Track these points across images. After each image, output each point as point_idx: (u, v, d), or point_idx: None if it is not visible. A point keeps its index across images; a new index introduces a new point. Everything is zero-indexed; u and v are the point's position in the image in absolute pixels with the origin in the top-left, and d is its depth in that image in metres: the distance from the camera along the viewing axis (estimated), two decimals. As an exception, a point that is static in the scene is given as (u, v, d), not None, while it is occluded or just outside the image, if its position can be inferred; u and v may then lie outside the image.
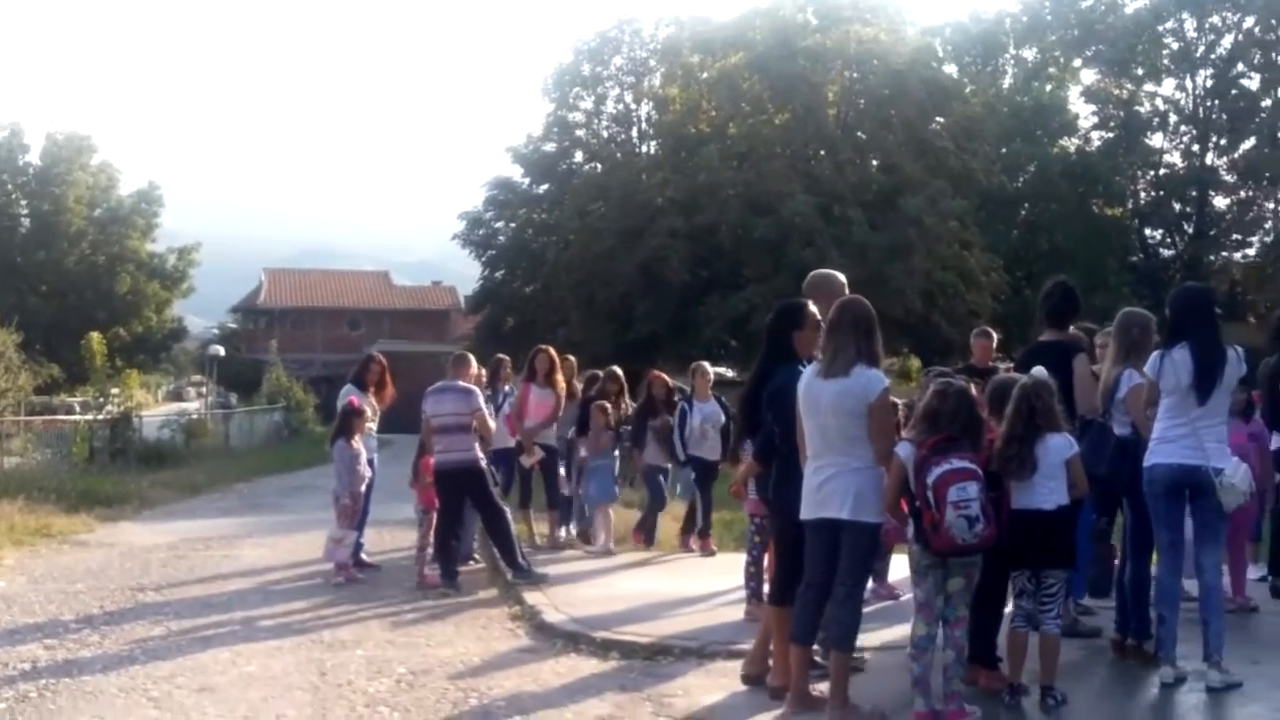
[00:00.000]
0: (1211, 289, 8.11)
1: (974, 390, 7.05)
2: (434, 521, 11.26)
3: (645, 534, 13.37)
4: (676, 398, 13.48)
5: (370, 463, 11.90)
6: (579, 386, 14.62)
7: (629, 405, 14.20)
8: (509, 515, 11.18)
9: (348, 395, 12.29)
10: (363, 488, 11.73)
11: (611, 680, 7.66)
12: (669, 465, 13.43)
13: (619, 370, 14.49)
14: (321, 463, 16.26)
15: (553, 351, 13.64)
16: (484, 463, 11.20)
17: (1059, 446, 6.65)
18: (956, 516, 6.09)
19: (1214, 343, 7.00)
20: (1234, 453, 7.22)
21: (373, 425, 12.24)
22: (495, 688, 7.52)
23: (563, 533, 13.57)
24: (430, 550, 11.35)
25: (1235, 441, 7.68)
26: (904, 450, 6.37)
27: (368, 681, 7.73)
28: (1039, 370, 6.92)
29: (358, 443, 11.65)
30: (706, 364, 13.70)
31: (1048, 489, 6.61)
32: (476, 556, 12.24)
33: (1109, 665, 7.56)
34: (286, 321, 67.83)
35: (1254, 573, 9.85)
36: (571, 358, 15.31)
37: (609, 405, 13.62)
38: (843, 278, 7.78)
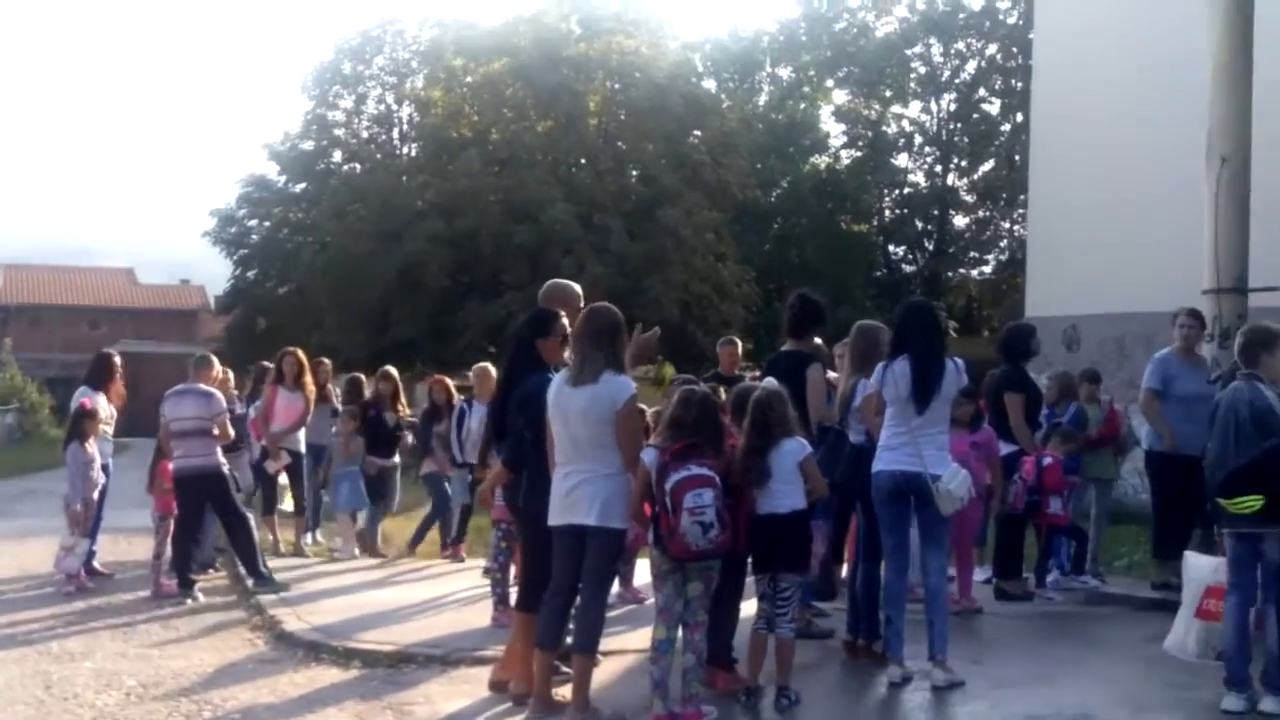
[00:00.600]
0: (932, 304, 8.46)
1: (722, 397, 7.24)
2: (170, 528, 10.91)
3: (412, 541, 13.24)
4: (457, 400, 13.31)
5: (104, 468, 11.45)
6: (334, 391, 14.35)
7: (405, 407, 14.02)
8: (251, 522, 10.91)
9: (81, 397, 11.82)
10: (95, 493, 11.29)
11: (352, 690, 7.54)
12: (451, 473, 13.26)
13: (393, 370, 14.25)
14: (56, 467, 15.55)
15: (301, 354, 13.41)
16: (225, 468, 10.90)
17: (792, 451, 6.86)
18: (691, 522, 6.21)
19: (932, 355, 7.32)
20: (956, 460, 7.57)
21: (108, 428, 11.78)
22: (230, 700, 7.33)
23: (308, 539, 13.33)
24: (167, 558, 10.99)
25: (958, 450, 8.05)
26: (649, 456, 6.47)
27: (95, 695, 7.44)
28: (770, 381, 7.16)
29: (91, 446, 11.19)
30: (490, 366, 13.55)
31: (783, 493, 6.81)
32: (217, 564, 11.90)
33: (841, 665, 7.84)
34: (22, 319, 64.59)
35: (980, 575, 10.35)
36: (327, 361, 15.01)
37: (395, 407, 13.63)
38: (577, 287, 7.88)
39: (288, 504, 13.49)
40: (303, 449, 13.15)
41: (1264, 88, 10.79)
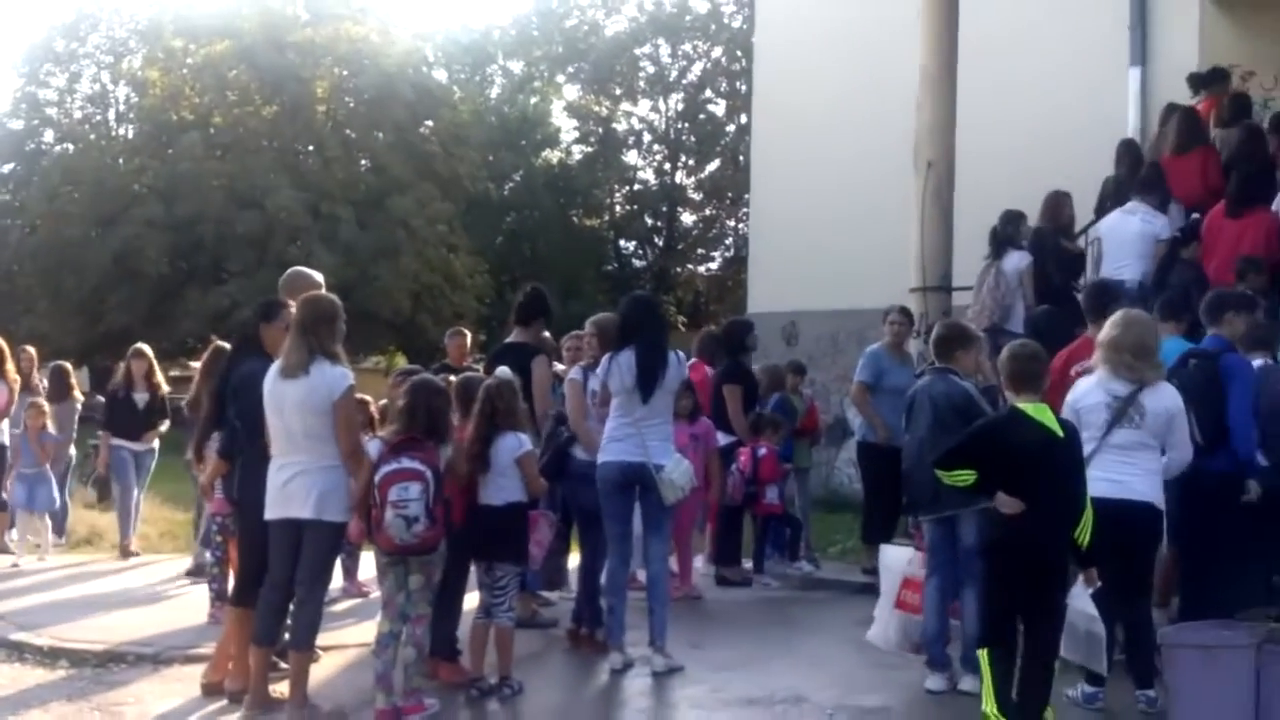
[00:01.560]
0: (655, 297, 8.71)
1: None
2: None
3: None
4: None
5: None
6: (40, 381, 13.69)
7: (163, 385, 13.30)
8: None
9: None
10: None
11: (58, 690, 7.24)
12: None
13: (146, 347, 13.38)
14: None
15: (1, 341, 12.66)
16: None
17: (509, 446, 6.92)
18: (395, 516, 6.23)
19: (656, 347, 7.51)
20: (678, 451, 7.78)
21: None
22: (-80, 704, 6.95)
23: (11, 536, 12.67)
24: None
25: (678, 442, 8.26)
26: (373, 448, 6.45)
27: None
28: (503, 370, 7.18)
29: None
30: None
31: (499, 485, 6.88)
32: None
33: (564, 654, 7.95)
34: None
35: (699, 563, 10.65)
36: (30, 349, 14.23)
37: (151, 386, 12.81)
38: (319, 277, 7.75)
39: None
40: (5, 441, 12.46)
41: (966, 97, 11.41)
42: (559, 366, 9.02)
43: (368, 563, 9.51)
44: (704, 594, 9.83)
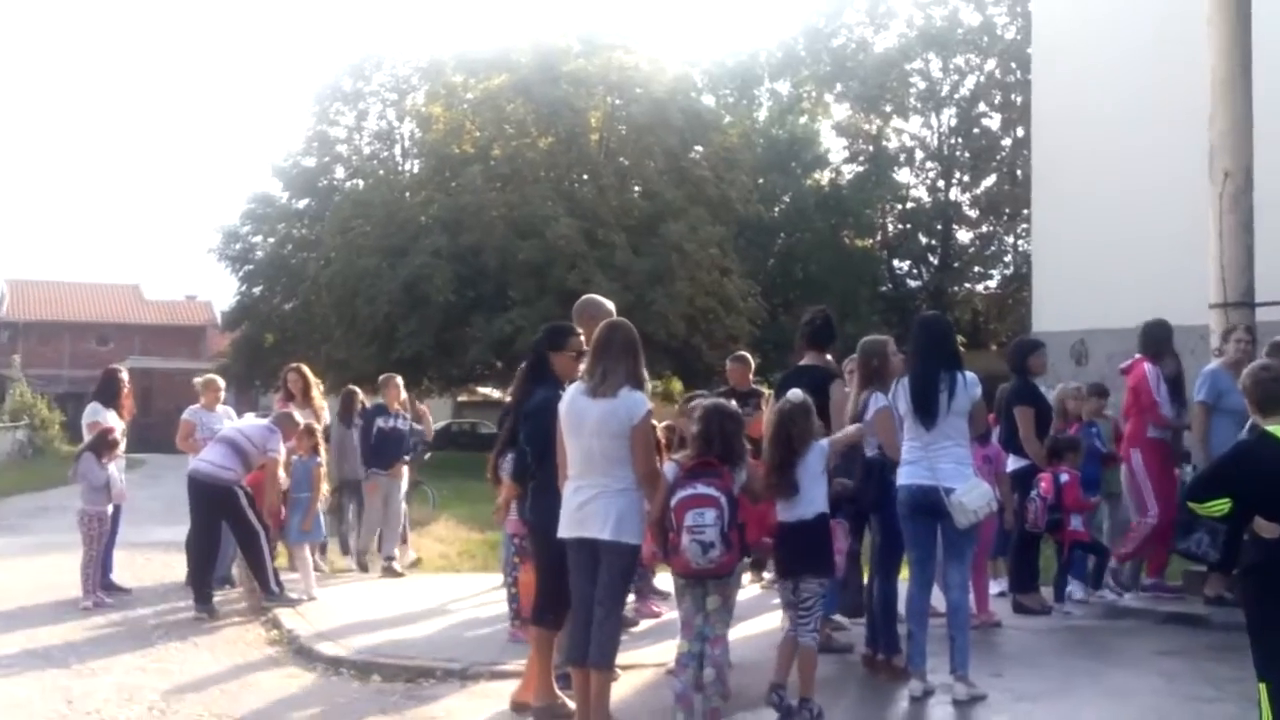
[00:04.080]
0: (939, 316, 8.49)
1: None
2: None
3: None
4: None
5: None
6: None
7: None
8: (263, 537, 10.92)
9: (94, 415, 11.87)
10: (110, 509, 11.35)
11: (372, 704, 7.58)
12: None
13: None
14: (66, 483, 15.64)
15: (306, 370, 13.30)
16: (238, 485, 10.85)
17: (816, 457, 6.91)
18: (690, 541, 6.26)
19: (929, 369, 7.36)
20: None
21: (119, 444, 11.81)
22: (252, 713, 7.37)
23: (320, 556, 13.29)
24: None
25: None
26: (669, 470, 6.52)
27: (118, 709, 7.49)
28: (795, 393, 7.10)
29: (107, 462, 11.25)
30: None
31: (809, 499, 6.86)
32: (233, 578, 11.94)
33: (860, 680, 7.85)
34: (31, 335, 64.75)
35: (995, 588, 10.38)
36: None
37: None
38: (610, 305, 7.91)
39: None
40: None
41: (1264, 102, 10.86)
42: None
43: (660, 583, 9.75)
44: (1002, 621, 9.57)
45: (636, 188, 39.60)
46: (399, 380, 13.73)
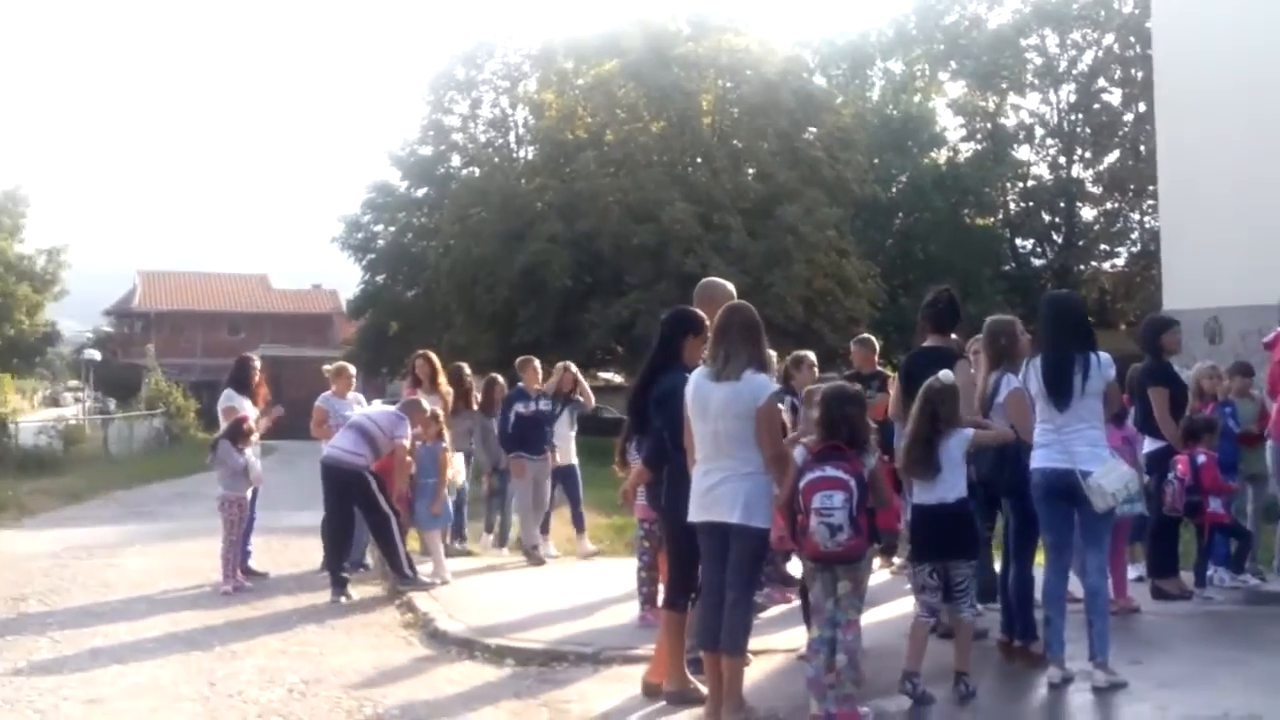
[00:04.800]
0: (1071, 295, 8.33)
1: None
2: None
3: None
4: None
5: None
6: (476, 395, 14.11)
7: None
8: (394, 521, 11.08)
9: (229, 401, 12.14)
10: (248, 494, 11.61)
11: (506, 688, 7.67)
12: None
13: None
14: (204, 469, 16.04)
15: (433, 356, 13.43)
16: (368, 471, 11.03)
17: (959, 442, 6.87)
18: (819, 523, 6.25)
19: (1061, 350, 7.22)
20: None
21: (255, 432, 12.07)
22: (389, 696, 7.50)
23: (456, 543, 13.40)
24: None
25: (1109, 445, 7.88)
26: (798, 454, 6.51)
27: (259, 691, 7.66)
28: (945, 374, 7.05)
29: (244, 448, 11.51)
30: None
31: (950, 483, 6.82)
32: (367, 563, 12.15)
33: (997, 666, 7.74)
34: (164, 325, 66.53)
35: (1133, 573, 10.17)
36: (465, 366, 14.30)
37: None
38: (731, 287, 7.89)
39: None
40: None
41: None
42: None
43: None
44: (1140, 607, 9.38)
45: (750, 170, 39.47)
46: (537, 363, 13.36)
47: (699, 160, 39.28)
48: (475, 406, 13.66)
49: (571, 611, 9.72)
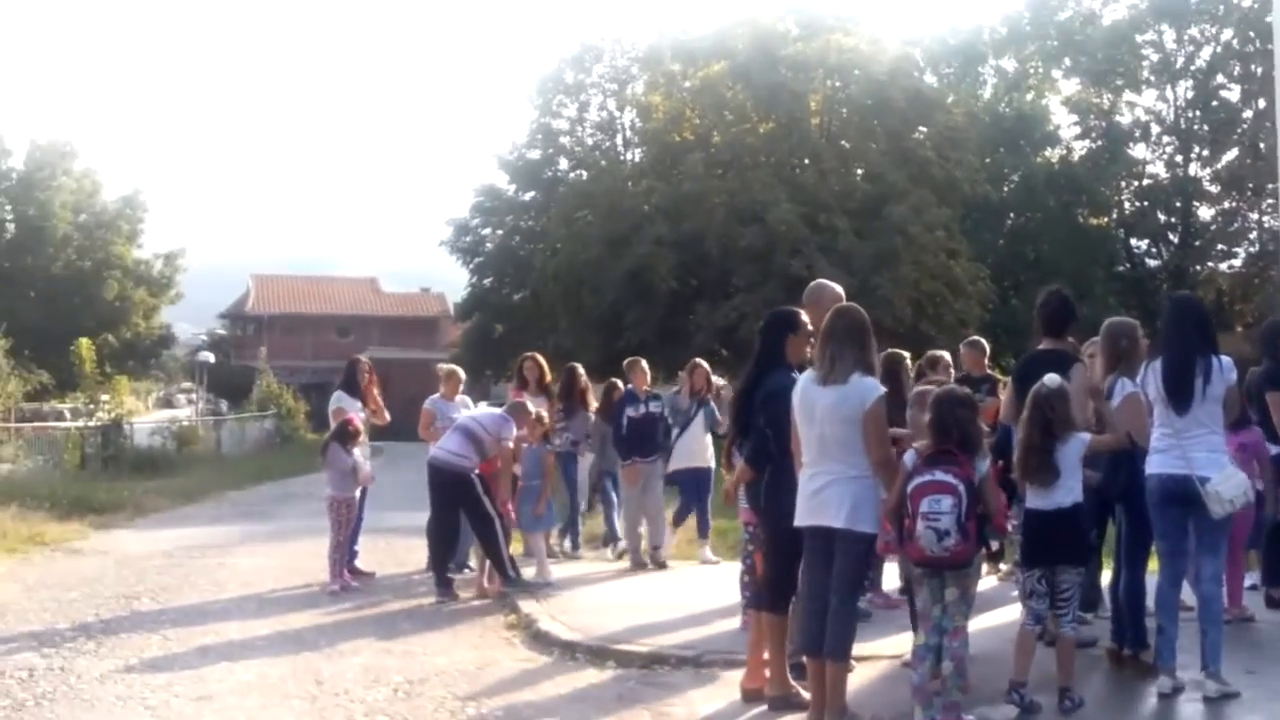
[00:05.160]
0: (1193, 297, 8.12)
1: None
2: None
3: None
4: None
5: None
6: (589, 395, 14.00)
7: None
8: (498, 524, 11.11)
9: (339, 403, 12.29)
10: (357, 494, 11.75)
11: (609, 690, 7.68)
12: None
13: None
14: (313, 470, 16.29)
15: (541, 358, 13.46)
16: (474, 474, 11.08)
17: (1076, 448, 6.74)
18: (925, 528, 6.18)
19: (1183, 352, 7.03)
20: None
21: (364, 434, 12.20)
22: (492, 697, 7.53)
23: (565, 544, 13.39)
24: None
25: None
26: (908, 458, 6.42)
27: (365, 690, 7.73)
28: (1052, 378, 6.90)
29: (353, 448, 11.65)
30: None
31: (1066, 488, 6.69)
32: (471, 565, 12.22)
33: (1105, 675, 7.57)
34: (275, 328, 67.78)
35: (1248, 581, 9.88)
36: (579, 366, 14.31)
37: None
38: (839, 289, 7.82)
39: None
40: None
41: None
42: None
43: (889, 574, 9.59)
44: (1255, 616, 9.11)
45: (859, 171, 39.21)
46: (644, 364, 13.16)
47: (806, 161, 39.09)
48: (591, 410, 13.51)
49: (674, 615, 9.68)
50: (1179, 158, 45.63)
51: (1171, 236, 45.59)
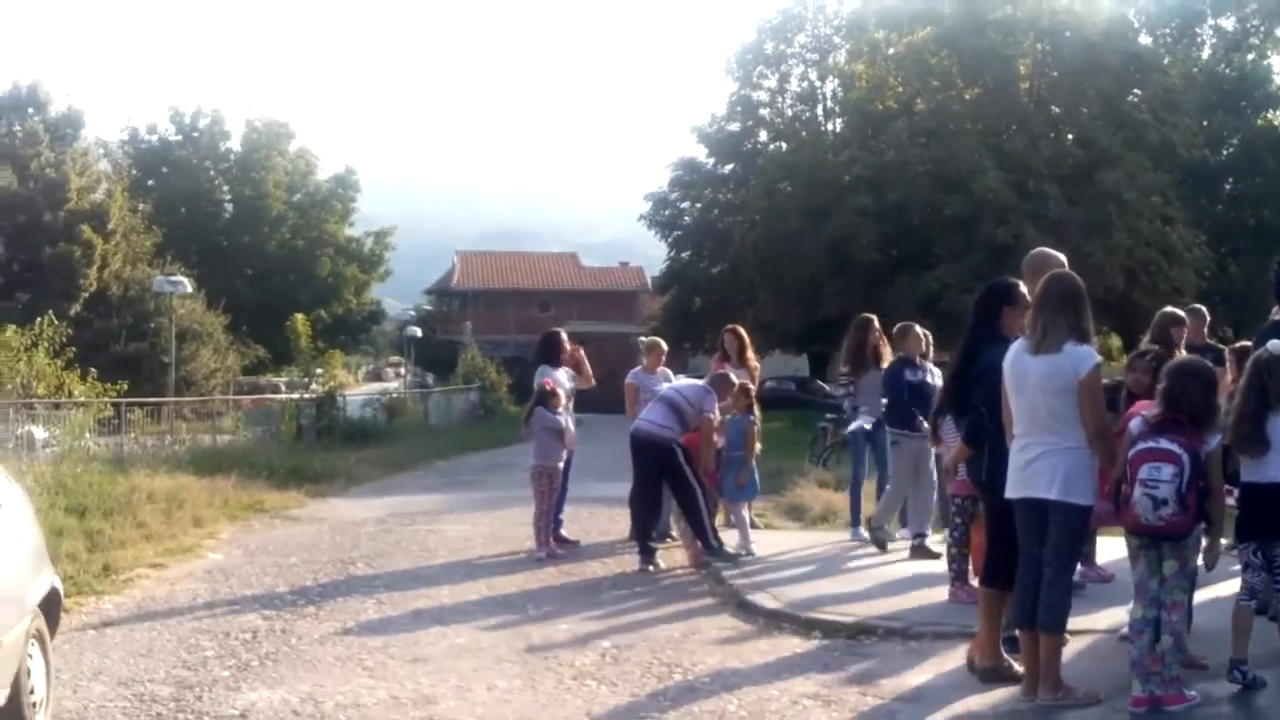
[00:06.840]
0: None
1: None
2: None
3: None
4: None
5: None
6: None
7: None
8: (701, 494, 11.12)
9: (544, 374, 12.45)
10: (561, 464, 11.91)
11: (815, 659, 7.64)
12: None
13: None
14: (516, 441, 16.59)
15: (743, 330, 13.37)
16: (677, 444, 11.10)
17: None
18: (1142, 495, 5.99)
19: None
20: None
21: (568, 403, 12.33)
22: (699, 664, 7.57)
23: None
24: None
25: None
26: (1134, 425, 6.24)
27: (573, 655, 7.85)
28: (1275, 344, 6.61)
29: (556, 406, 11.79)
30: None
31: (1278, 463, 6.39)
32: (674, 534, 12.29)
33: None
34: (479, 303, 69.30)
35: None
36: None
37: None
38: (1061, 257, 7.61)
39: None
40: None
41: None
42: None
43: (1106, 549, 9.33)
44: None
45: (1070, 135, 38.07)
46: (918, 329, 11.73)
47: (1014, 127, 38.12)
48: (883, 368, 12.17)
49: (880, 586, 9.59)
50: None
51: None
